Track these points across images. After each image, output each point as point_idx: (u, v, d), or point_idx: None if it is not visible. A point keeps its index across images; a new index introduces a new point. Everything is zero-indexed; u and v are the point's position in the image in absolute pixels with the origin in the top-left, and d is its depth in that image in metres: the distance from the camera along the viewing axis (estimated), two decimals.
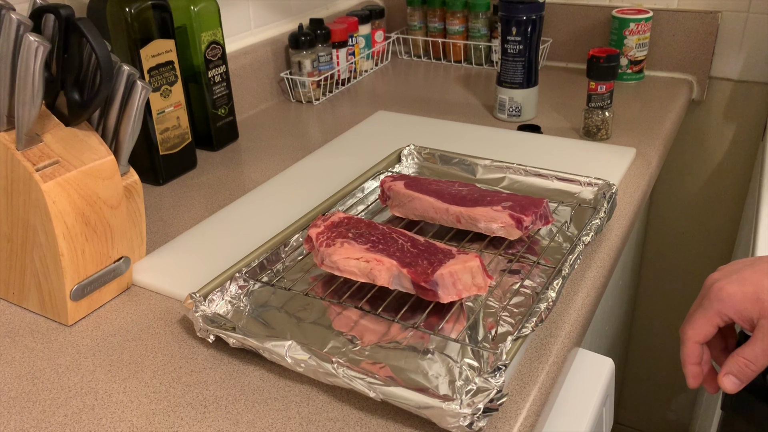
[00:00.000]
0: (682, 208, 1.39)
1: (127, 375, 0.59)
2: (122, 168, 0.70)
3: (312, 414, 0.54)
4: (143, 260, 0.75)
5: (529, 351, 0.60)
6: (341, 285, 0.68)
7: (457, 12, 1.36)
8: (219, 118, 1.03)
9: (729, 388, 0.54)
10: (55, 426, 0.54)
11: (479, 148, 0.96)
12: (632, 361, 1.59)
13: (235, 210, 0.84)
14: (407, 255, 0.63)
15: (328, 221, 0.70)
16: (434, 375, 0.56)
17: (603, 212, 0.75)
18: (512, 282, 0.67)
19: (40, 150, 0.63)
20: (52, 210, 0.61)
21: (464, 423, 0.49)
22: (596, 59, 0.98)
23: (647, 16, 1.21)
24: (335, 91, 1.27)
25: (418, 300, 0.64)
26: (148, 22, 0.85)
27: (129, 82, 0.67)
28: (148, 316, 0.67)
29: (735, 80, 1.25)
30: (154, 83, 0.88)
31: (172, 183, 0.94)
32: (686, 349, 0.57)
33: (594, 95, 0.99)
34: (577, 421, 0.65)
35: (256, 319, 0.64)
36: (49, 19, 0.63)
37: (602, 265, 0.73)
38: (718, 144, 1.31)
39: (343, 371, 0.53)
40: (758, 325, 0.52)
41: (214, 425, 0.54)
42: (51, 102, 0.67)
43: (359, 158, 0.96)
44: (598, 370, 0.70)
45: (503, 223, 0.70)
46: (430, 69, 1.39)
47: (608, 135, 1.01)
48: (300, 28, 1.20)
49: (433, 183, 0.78)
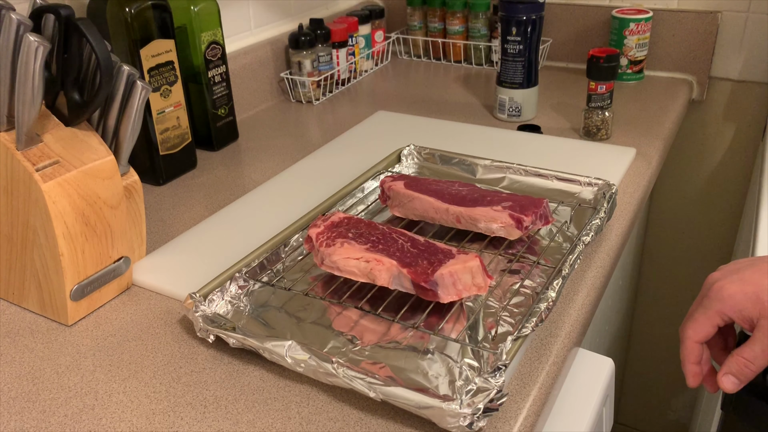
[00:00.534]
0: (682, 208, 1.39)
1: (127, 375, 0.59)
2: (122, 168, 0.70)
3: (312, 414, 0.54)
4: (143, 260, 0.75)
5: (529, 351, 0.60)
6: (341, 285, 0.68)
7: (457, 12, 1.36)
8: (219, 118, 1.03)
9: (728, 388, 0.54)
10: (55, 426, 0.54)
11: (479, 148, 0.96)
12: (632, 361, 1.59)
13: (235, 210, 0.84)
14: (407, 255, 0.63)
15: (328, 221, 0.70)
16: (434, 375, 0.56)
17: (603, 212, 0.75)
18: (512, 282, 0.67)
19: (40, 150, 0.63)
20: (52, 210, 0.61)
21: (464, 423, 0.49)
22: (596, 59, 0.98)
23: (647, 16, 1.21)
24: (335, 91, 1.27)
25: (418, 300, 0.64)
26: (148, 22, 0.85)
27: (129, 82, 0.67)
28: (148, 316, 0.67)
29: (735, 80, 1.25)
30: (154, 83, 0.88)
31: (172, 183, 0.94)
32: (686, 348, 0.57)
33: (594, 95, 0.99)
34: (577, 421, 0.65)
35: (256, 319, 0.64)
36: (49, 19, 0.63)
37: (602, 265, 0.73)
38: (718, 144, 1.31)
39: (343, 371, 0.53)
40: (758, 325, 0.52)
41: (214, 425, 0.54)
42: (51, 102, 0.67)
43: (359, 158, 0.96)
44: (598, 370, 0.70)
45: (503, 223, 0.70)
46: (430, 69, 1.39)
47: (608, 135, 1.01)
48: (300, 28, 1.20)
49: (433, 183, 0.78)
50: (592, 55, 0.98)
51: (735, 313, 0.53)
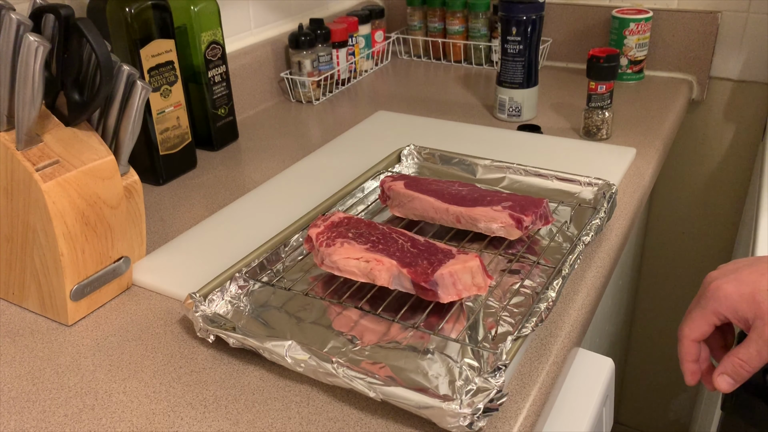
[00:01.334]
0: (682, 208, 1.39)
1: (127, 375, 0.59)
2: (122, 168, 0.70)
3: (312, 414, 0.54)
4: (143, 260, 0.75)
5: (529, 351, 0.60)
6: (341, 285, 0.68)
7: (457, 12, 1.36)
8: (219, 118, 1.03)
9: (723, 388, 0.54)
10: (55, 426, 0.54)
11: (479, 148, 0.96)
12: (632, 361, 1.59)
13: (235, 210, 0.84)
14: (407, 255, 0.63)
15: (328, 221, 0.70)
16: (434, 375, 0.56)
17: (603, 212, 0.75)
18: (512, 282, 0.67)
19: (40, 150, 0.63)
20: (52, 210, 0.61)
21: (464, 423, 0.49)
22: (596, 59, 0.98)
23: (647, 16, 1.21)
24: (335, 91, 1.27)
25: (418, 300, 0.64)
26: (148, 22, 0.85)
27: (129, 82, 0.67)
28: (148, 316, 0.67)
29: (735, 80, 1.25)
30: (154, 83, 0.88)
31: (172, 183, 0.94)
32: (683, 347, 0.57)
33: (594, 95, 0.99)
34: (577, 421, 0.65)
35: (256, 319, 0.64)
36: (49, 19, 0.63)
37: (602, 265, 0.73)
38: (718, 144, 1.31)
39: (343, 371, 0.53)
40: (753, 325, 0.52)
41: (214, 425, 0.54)
42: (51, 102, 0.67)
43: (359, 158, 0.96)
44: (598, 370, 0.70)
45: (503, 223, 0.70)
46: (430, 69, 1.39)
47: (608, 135, 1.01)
48: (300, 28, 1.20)
49: (433, 183, 0.78)
50: (592, 55, 0.98)
51: (731, 313, 0.53)
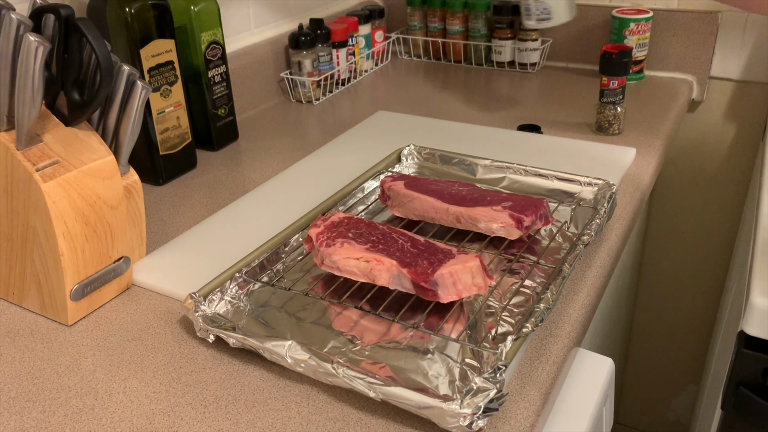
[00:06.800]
0: (682, 208, 1.39)
1: (127, 375, 0.59)
2: (122, 168, 0.70)
3: (312, 414, 0.54)
4: (143, 260, 0.75)
5: (529, 351, 0.60)
6: (341, 285, 0.68)
7: (457, 12, 1.36)
8: (219, 118, 1.03)
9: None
10: (55, 426, 0.54)
11: (479, 148, 0.96)
12: (632, 361, 1.59)
13: (235, 210, 0.84)
14: (407, 255, 0.63)
15: (328, 221, 0.70)
16: (434, 375, 0.56)
17: (603, 212, 0.75)
18: (512, 282, 0.67)
19: (40, 150, 0.63)
20: (52, 210, 0.61)
21: (464, 423, 0.49)
22: (609, 54, 0.98)
23: (647, 16, 1.21)
24: (335, 91, 1.27)
25: (418, 300, 0.64)
26: (148, 22, 0.85)
27: (129, 82, 0.67)
28: (148, 316, 0.67)
29: (735, 80, 1.25)
30: (154, 83, 0.88)
31: (172, 183, 0.94)
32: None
33: (606, 90, 0.99)
34: (577, 421, 0.65)
35: (256, 319, 0.64)
36: (49, 19, 0.63)
37: (602, 265, 0.73)
38: (718, 144, 1.31)
39: (343, 371, 0.53)
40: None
41: (214, 425, 0.54)
42: (51, 102, 0.67)
43: (359, 158, 0.96)
44: (598, 370, 0.70)
45: (503, 223, 0.70)
46: (430, 69, 1.39)
47: (620, 130, 1.01)
48: (300, 28, 1.20)
49: (433, 183, 0.78)
50: (605, 51, 0.98)
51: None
